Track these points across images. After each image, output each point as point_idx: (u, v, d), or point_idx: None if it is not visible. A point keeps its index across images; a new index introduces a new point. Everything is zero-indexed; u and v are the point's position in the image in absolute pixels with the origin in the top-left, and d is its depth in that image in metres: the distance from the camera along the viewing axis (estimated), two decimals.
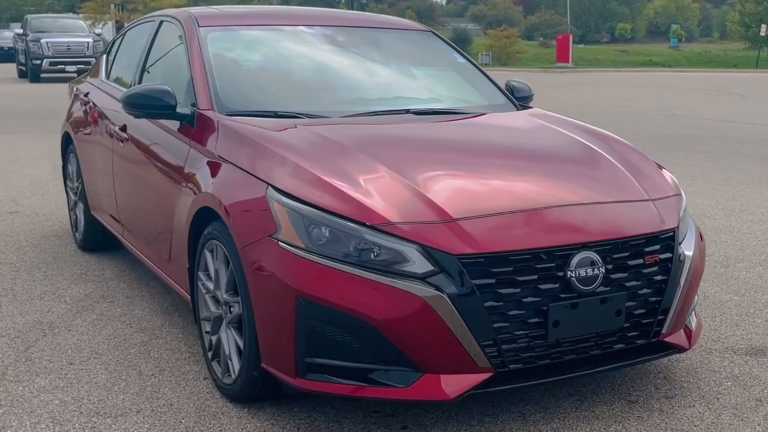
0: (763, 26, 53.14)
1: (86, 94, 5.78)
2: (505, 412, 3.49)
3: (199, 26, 4.52)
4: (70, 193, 6.26)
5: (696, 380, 3.81)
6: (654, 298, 3.35)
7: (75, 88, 6.36)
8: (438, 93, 4.75)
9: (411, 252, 3.02)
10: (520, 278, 3.07)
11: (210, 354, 3.73)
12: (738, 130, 14.40)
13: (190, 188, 3.85)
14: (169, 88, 4.07)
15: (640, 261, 3.30)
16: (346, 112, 4.14)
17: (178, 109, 4.06)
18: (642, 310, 3.33)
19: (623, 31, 76.87)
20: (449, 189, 3.32)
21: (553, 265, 3.12)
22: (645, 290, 3.32)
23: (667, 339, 3.45)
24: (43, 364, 4.00)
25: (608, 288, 3.21)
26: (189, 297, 4.00)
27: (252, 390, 3.44)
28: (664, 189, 3.68)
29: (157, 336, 4.36)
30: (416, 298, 2.97)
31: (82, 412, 3.50)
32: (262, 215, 3.26)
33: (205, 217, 3.68)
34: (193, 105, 4.08)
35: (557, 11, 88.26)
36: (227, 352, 3.54)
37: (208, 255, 3.66)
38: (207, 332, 3.77)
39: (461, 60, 5.05)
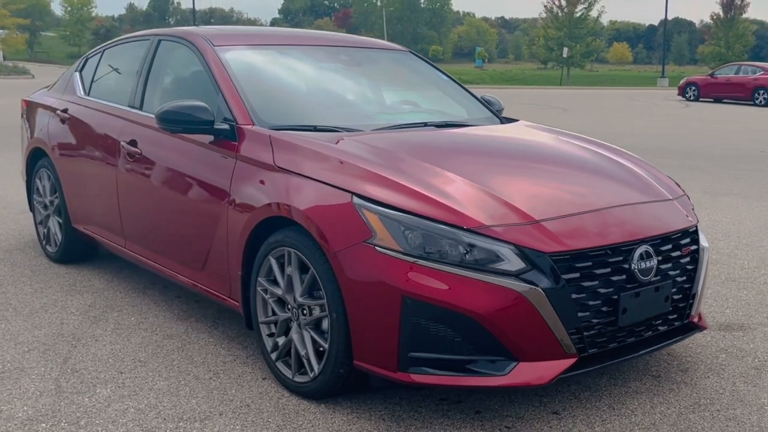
0: (566, 49, 56.41)
1: (64, 110, 5.41)
2: (558, 393, 3.57)
3: (214, 45, 4.35)
4: (39, 208, 5.82)
5: (695, 354, 4.04)
6: (687, 285, 3.54)
7: (34, 104, 5.95)
8: (439, 107, 4.77)
9: (506, 251, 3.05)
10: (598, 271, 3.17)
11: (274, 355, 3.61)
12: None
13: (242, 199, 3.70)
14: (206, 104, 3.91)
15: (679, 252, 3.48)
16: (375, 125, 4.07)
17: (216, 125, 3.91)
18: (680, 296, 3.51)
19: (436, 53, 79.06)
20: (521, 192, 3.35)
21: (621, 258, 3.24)
22: (681, 278, 3.50)
23: (694, 320, 3.65)
24: (92, 374, 3.74)
25: (659, 277, 3.37)
26: (234, 302, 3.86)
27: (333, 386, 3.36)
28: (676, 190, 3.88)
29: (187, 341, 4.16)
30: (515, 292, 3.00)
31: (164, 418, 3.31)
32: (350, 222, 3.20)
33: (268, 226, 3.56)
34: (227, 120, 3.93)
35: (375, 34, 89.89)
36: (303, 352, 3.44)
37: (273, 262, 3.54)
38: (269, 334, 3.64)
39: (444, 77, 5.10)
